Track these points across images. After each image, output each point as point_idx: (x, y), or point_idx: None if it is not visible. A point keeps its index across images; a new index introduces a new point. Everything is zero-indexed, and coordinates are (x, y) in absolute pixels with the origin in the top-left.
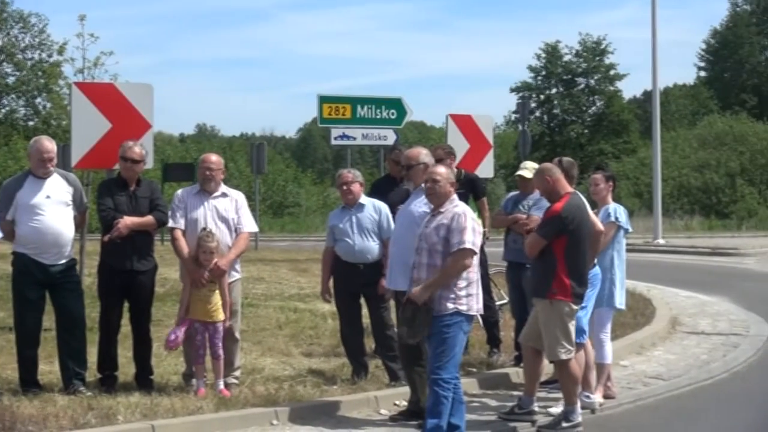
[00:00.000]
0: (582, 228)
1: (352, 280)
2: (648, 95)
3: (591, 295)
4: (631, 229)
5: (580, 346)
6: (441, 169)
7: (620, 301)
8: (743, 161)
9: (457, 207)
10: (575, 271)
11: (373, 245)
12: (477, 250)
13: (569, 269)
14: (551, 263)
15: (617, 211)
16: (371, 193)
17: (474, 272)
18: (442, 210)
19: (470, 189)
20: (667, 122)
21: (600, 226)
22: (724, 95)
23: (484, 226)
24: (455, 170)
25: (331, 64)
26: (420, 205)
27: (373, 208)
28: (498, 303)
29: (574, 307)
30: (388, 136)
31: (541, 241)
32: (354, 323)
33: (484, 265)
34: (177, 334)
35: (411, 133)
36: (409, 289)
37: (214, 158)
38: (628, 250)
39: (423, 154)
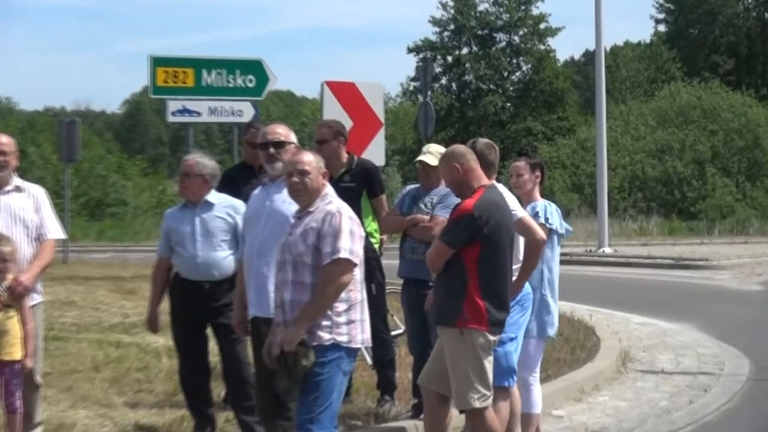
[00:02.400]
0: (501, 232)
1: (194, 304)
2: (590, 56)
3: (522, 322)
4: (570, 231)
5: (505, 390)
6: (308, 157)
7: (552, 328)
8: (715, 144)
9: (331, 204)
10: (492, 289)
11: (221, 257)
12: (357, 260)
13: (484, 288)
14: (460, 280)
15: (547, 210)
16: (222, 187)
17: (357, 291)
18: (311, 209)
19: (365, 182)
20: (615, 92)
21: (541, 233)
22: (690, 57)
23: (381, 233)
24: (347, 156)
25: (169, 14)
26: (292, 203)
27: (225, 207)
28: (392, 333)
29: (491, 337)
30: (244, 111)
31: (447, 249)
32: (197, 362)
33: (379, 285)
34: None
35: (275, 107)
36: (276, 320)
37: (4, 139)
38: (564, 261)
39: (291, 133)
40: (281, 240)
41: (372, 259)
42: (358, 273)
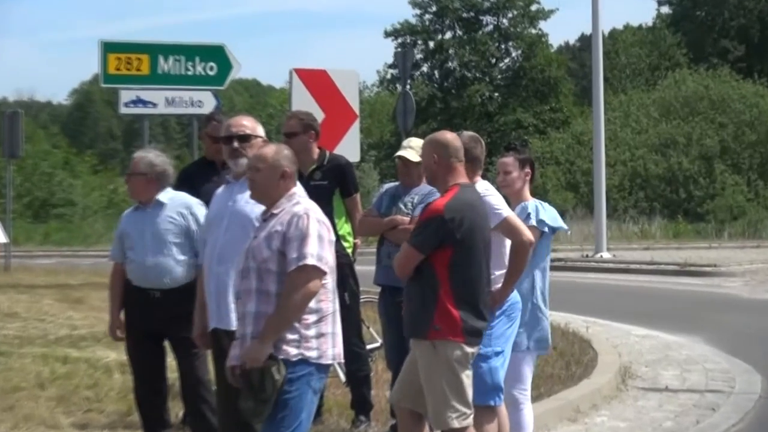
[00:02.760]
0: (474, 235)
1: (146, 314)
2: (586, 41)
3: (509, 334)
4: (565, 227)
5: (491, 410)
6: (267, 152)
7: (545, 343)
8: (724, 138)
9: (298, 205)
10: (466, 297)
11: (173, 262)
12: (326, 268)
13: (457, 295)
14: (431, 287)
15: (539, 210)
16: (180, 185)
17: (328, 301)
18: (275, 211)
19: (337, 180)
20: (614, 81)
21: (529, 234)
22: (697, 42)
23: (356, 236)
24: (318, 151)
25: None
26: (258, 203)
27: (177, 206)
28: (368, 347)
29: (468, 349)
30: (205, 102)
31: (416, 254)
32: (152, 379)
33: (353, 293)
34: None
35: (239, 97)
36: (237, 332)
37: None
38: (558, 268)
39: (258, 126)
40: (244, 245)
41: (345, 265)
42: (330, 281)
